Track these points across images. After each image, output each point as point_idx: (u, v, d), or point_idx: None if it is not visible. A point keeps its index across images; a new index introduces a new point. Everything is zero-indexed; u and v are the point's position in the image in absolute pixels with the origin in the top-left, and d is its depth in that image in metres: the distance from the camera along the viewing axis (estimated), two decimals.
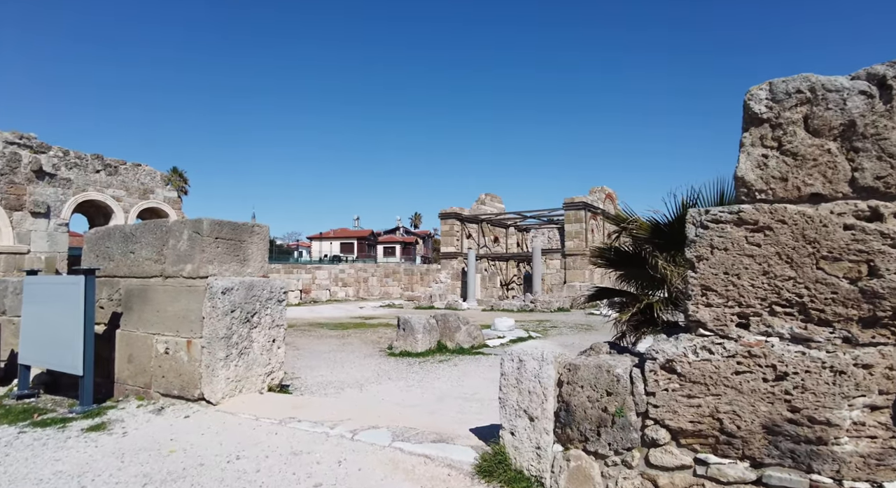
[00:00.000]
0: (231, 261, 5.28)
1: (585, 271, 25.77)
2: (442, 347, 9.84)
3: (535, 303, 22.21)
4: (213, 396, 4.77)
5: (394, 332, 13.75)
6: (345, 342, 11.94)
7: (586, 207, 26.03)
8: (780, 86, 2.56)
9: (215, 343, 4.82)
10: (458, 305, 23.86)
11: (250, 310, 5.17)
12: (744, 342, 2.61)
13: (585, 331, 14.62)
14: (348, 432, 3.95)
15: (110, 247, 5.63)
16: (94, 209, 19.09)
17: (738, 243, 2.65)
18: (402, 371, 7.90)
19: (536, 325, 15.62)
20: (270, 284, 5.43)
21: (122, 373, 5.33)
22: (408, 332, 9.65)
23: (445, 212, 28.73)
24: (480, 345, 10.20)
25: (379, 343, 11.64)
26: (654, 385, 2.83)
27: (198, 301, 4.92)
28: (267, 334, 5.35)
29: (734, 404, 2.60)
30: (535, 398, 3.26)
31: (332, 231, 65.13)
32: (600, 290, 5.91)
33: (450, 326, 10.00)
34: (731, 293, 2.66)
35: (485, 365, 8.42)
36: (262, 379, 5.24)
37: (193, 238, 5.04)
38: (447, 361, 8.75)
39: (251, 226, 5.54)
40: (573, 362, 3.23)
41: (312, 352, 10.41)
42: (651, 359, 2.87)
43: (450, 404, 5.65)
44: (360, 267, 37.57)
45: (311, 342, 12.00)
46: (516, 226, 33.62)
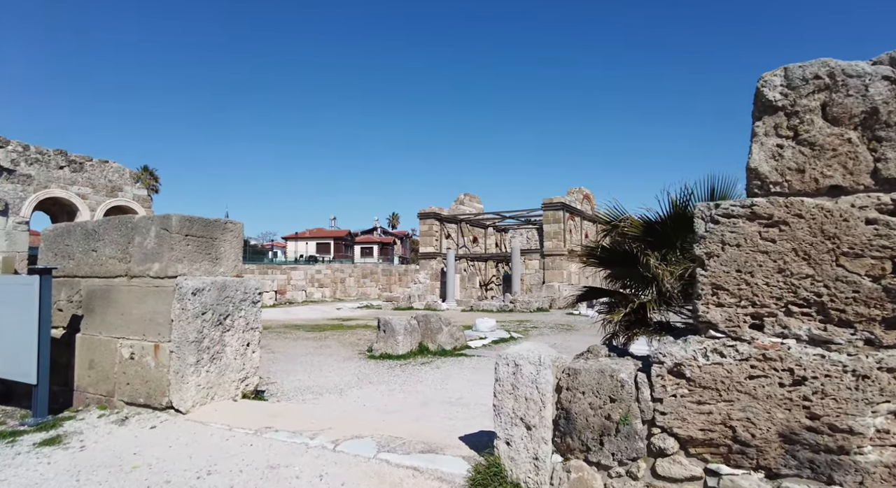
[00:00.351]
0: (202, 259, 4.95)
1: (564, 271, 25.81)
2: (423, 349, 9.60)
3: (514, 304, 22.12)
4: (182, 404, 4.45)
5: (373, 334, 13.44)
6: (322, 344, 11.59)
7: (564, 208, 26.08)
8: (797, 71, 2.41)
9: (185, 347, 4.49)
10: (437, 306, 23.63)
11: (223, 312, 4.85)
12: (758, 344, 2.45)
13: (566, 331, 14.56)
14: (329, 442, 3.69)
15: (70, 245, 5.24)
16: (58, 207, 18.27)
17: (751, 239, 2.49)
18: (383, 374, 7.63)
19: (517, 326, 15.49)
20: (245, 285, 5.12)
21: (82, 381, 4.95)
22: (388, 334, 9.38)
23: (424, 212, 28.47)
24: (463, 346, 9.99)
25: (358, 345, 11.33)
26: (662, 390, 2.66)
27: (166, 302, 4.59)
28: (241, 338, 5.03)
29: (748, 411, 2.44)
30: (533, 405, 3.06)
31: (307, 231, 64.19)
32: (589, 290, 5.76)
33: (431, 327, 9.77)
34: (743, 292, 2.50)
35: (468, 367, 8.21)
36: (235, 386, 4.92)
37: (161, 235, 4.70)
38: (429, 363, 8.52)
39: (224, 222, 5.22)
40: (573, 366, 3.03)
41: (288, 355, 10.05)
42: (658, 363, 2.69)
43: (435, 409, 5.42)
44: (337, 267, 37.02)
45: (286, 345, 11.62)
46: (495, 226, 33.56)
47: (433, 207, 28.54)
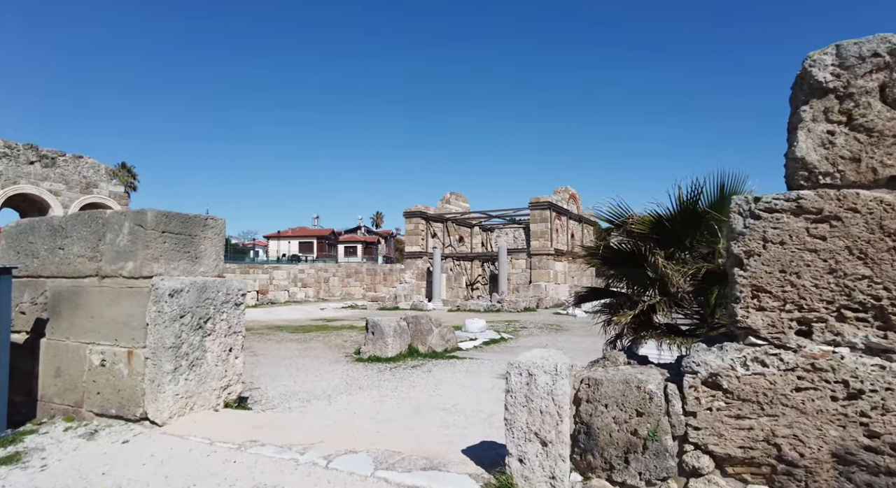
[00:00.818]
0: (181, 258, 4.58)
1: (551, 271, 25.70)
2: (413, 351, 9.29)
3: (501, 303, 21.92)
4: (158, 416, 4.08)
5: (360, 335, 13.08)
6: (307, 346, 11.21)
7: (551, 207, 25.97)
8: (851, 49, 2.16)
9: (161, 353, 4.13)
10: (423, 306, 23.31)
11: (203, 315, 4.49)
12: (806, 353, 2.20)
13: (556, 331, 14.37)
14: (321, 458, 3.37)
15: (34, 243, 4.82)
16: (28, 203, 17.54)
17: (797, 236, 2.25)
18: (372, 379, 7.31)
19: (506, 326, 15.27)
20: (227, 285, 4.77)
21: (47, 390, 4.54)
22: (377, 336, 9.05)
23: (410, 211, 28.12)
24: (454, 348, 9.71)
25: (345, 347, 10.97)
26: (695, 403, 2.40)
27: (141, 305, 4.21)
28: (223, 342, 4.68)
29: (795, 427, 2.19)
30: (549, 419, 2.78)
31: (290, 230, 63.31)
32: (591, 291, 5.52)
33: (422, 329, 9.46)
34: (788, 295, 2.25)
35: (461, 370, 7.93)
36: (217, 395, 4.57)
37: (136, 231, 4.32)
38: (420, 367, 8.22)
39: (204, 218, 4.85)
40: (594, 376, 2.76)
41: (272, 358, 9.66)
42: (690, 373, 2.44)
43: (430, 417, 5.12)
44: (321, 267, 36.46)
45: (270, 347, 11.21)
46: (481, 225, 33.35)
47: (419, 206, 28.21)
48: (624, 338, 5.29)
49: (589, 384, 2.76)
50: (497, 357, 9.21)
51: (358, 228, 71.02)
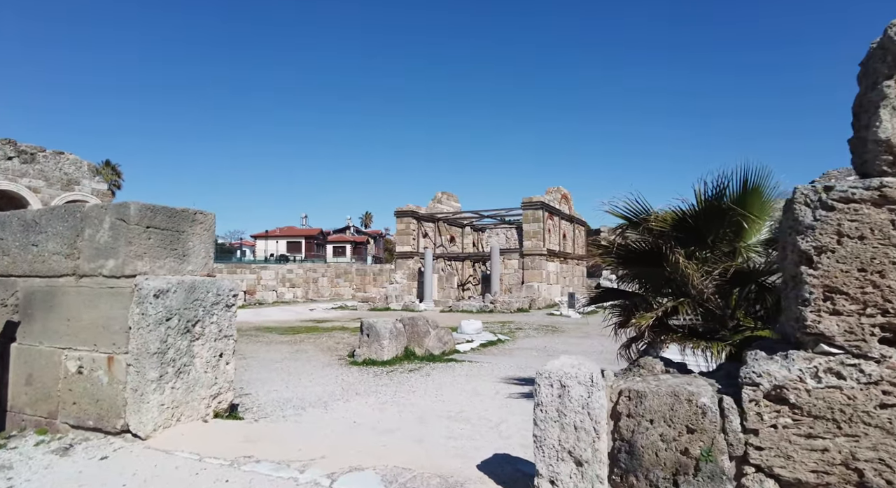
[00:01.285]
0: (167, 256, 4.22)
1: (543, 271, 25.50)
2: (410, 354, 8.96)
3: (494, 304, 21.65)
4: (141, 428, 3.72)
5: (352, 337, 12.72)
6: (298, 349, 10.83)
7: (544, 207, 25.78)
8: None
9: (145, 360, 3.76)
10: (414, 307, 22.97)
11: (191, 317, 4.13)
12: (892, 364, 1.92)
13: (552, 332, 14.13)
14: (324, 477, 3.04)
15: (4, 239, 4.42)
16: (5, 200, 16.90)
17: (880, 229, 1.97)
18: (369, 383, 6.97)
19: (501, 328, 14.99)
20: (217, 285, 4.41)
21: (17, 400, 4.15)
22: (373, 338, 8.71)
23: (401, 210, 27.76)
24: (451, 350, 9.40)
25: (337, 350, 10.61)
26: (757, 419, 2.12)
27: (123, 306, 3.85)
28: (213, 347, 4.32)
29: (881, 450, 1.91)
30: (584, 435, 2.48)
31: (278, 229, 62.54)
32: (606, 292, 5.24)
33: (418, 331, 9.14)
34: (870, 297, 1.97)
35: (461, 374, 7.62)
36: (206, 404, 4.21)
37: (117, 227, 3.95)
38: (418, 370, 7.89)
39: (193, 213, 4.49)
40: (636, 388, 2.47)
41: (262, 361, 9.27)
42: (751, 385, 2.15)
43: (435, 426, 4.81)
44: (310, 267, 35.95)
45: (259, 349, 10.81)
46: (472, 225, 33.07)
47: (410, 205, 27.86)
48: (640, 341, 5.02)
49: (630, 396, 2.47)
50: (496, 360, 8.91)
51: (347, 228, 70.40)
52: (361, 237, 67.26)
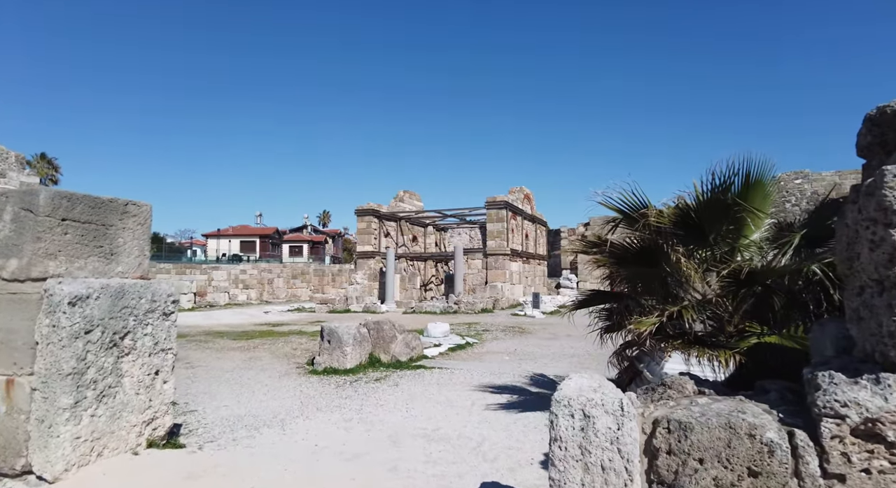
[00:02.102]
0: (89, 254, 3.50)
1: (507, 271, 25.26)
2: (375, 361, 8.35)
3: (458, 305, 21.20)
4: (48, 468, 3.01)
5: (311, 342, 11.95)
6: (252, 356, 10.02)
7: (508, 207, 25.55)
8: None
9: (56, 383, 3.05)
10: (376, 308, 22.25)
11: (119, 328, 3.43)
12: None
13: (519, 333, 13.77)
14: None
15: None
16: None
17: None
18: (332, 396, 6.33)
19: (467, 329, 14.53)
20: (153, 290, 3.71)
21: None
22: (334, 345, 8.05)
23: (362, 209, 26.94)
24: (419, 356, 8.84)
25: (295, 356, 9.86)
26: (843, 462, 1.69)
27: (27, 317, 3.12)
28: (147, 364, 3.62)
29: None
30: (614, 478, 2.00)
31: (230, 228, 60.18)
32: (595, 295, 4.81)
33: (384, 336, 8.54)
34: None
35: (431, 383, 7.08)
36: (137, 432, 3.51)
37: (22, 219, 3.22)
38: (385, 380, 7.30)
39: (123, 203, 3.78)
40: (676, 417, 2.00)
41: (212, 371, 8.45)
42: (833, 417, 1.71)
43: (410, 449, 4.25)
44: (264, 267, 34.54)
45: (209, 357, 9.93)
46: (434, 225, 32.56)
47: (371, 204, 27.08)
48: (633, 347, 4.62)
49: (669, 428, 2.00)
50: (467, 366, 8.42)
51: (304, 227, 68.53)
52: (319, 236, 65.63)
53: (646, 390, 2.55)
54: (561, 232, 43.44)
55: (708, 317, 3.82)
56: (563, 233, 43.48)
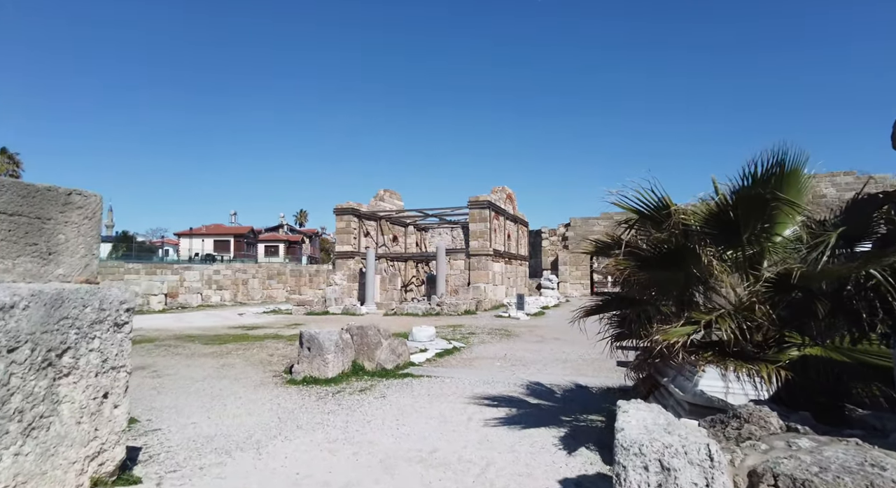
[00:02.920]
0: (20, 254, 2.88)
1: (489, 272, 24.83)
2: (359, 369, 7.78)
3: (441, 306, 20.68)
4: None
5: (288, 347, 11.28)
6: (225, 363, 9.33)
7: (491, 207, 25.12)
8: None
9: None
10: (356, 310, 21.58)
11: (56, 344, 2.82)
12: None
13: (506, 337, 13.31)
14: None
15: None
16: None
17: None
18: (313, 411, 5.75)
19: (452, 332, 14.02)
20: (101, 296, 3.10)
21: None
22: (314, 352, 7.44)
23: (342, 208, 26.19)
24: (406, 363, 8.29)
25: (271, 364, 9.21)
26: None
27: None
28: (92, 386, 3.01)
29: None
30: None
31: (204, 227, 58.54)
32: (613, 300, 4.34)
33: (368, 342, 7.97)
34: None
35: (422, 394, 6.54)
36: (78, 470, 2.90)
37: None
38: (370, 390, 6.73)
39: (65, 193, 3.16)
40: (788, 472, 1.51)
41: (180, 380, 7.76)
42: None
43: (407, 477, 3.71)
44: (239, 267, 33.46)
45: (178, 364, 9.21)
46: (415, 225, 31.98)
47: (351, 203, 26.35)
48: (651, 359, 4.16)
49: (778, 485, 1.51)
50: (458, 373, 7.90)
51: (280, 226, 67.13)
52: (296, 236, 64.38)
53: (713, 423, 2.08)
54: (542, 232, 43.28)
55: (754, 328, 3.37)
56: (545, 234, 43.33)
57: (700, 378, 3.24)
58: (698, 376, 3.29)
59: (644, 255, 3.92)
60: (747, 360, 3.30)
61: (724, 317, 3.33)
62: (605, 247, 4.57)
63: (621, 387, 6.78)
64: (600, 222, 41.38)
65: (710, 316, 3.37)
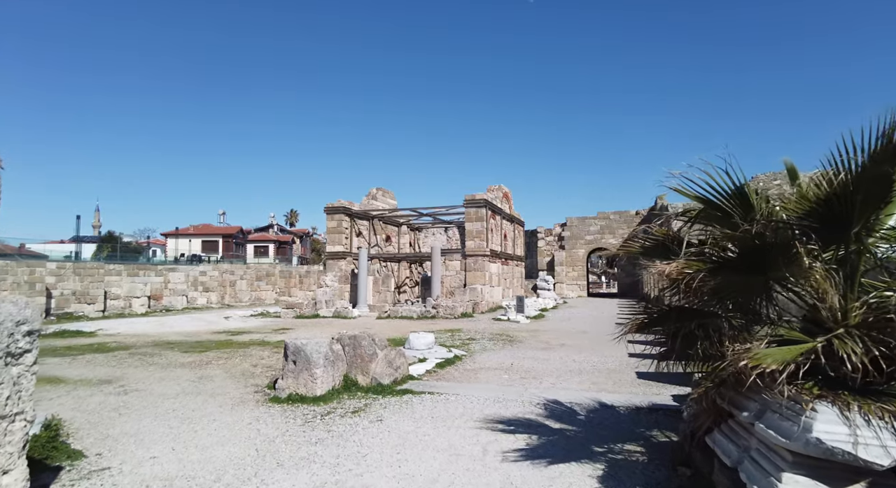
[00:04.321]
0: None
1: (486, 273, 24.00)
2: (351, 384, 6.90)
3: (436, 309, 19.80)
4: None
5: (274, 355, 10.36)
6: (203, 375, 8.41)
7: (488, 205, 24.29)
8: None
9: None
10: (348, 313, 20.65)
11: None
12: None
13: (509, 343, 12.47)
14: None
15: None
16: None
17: None
18: (298, 440, 4.87)
19: (451, 338, 13.16)
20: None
21: None
22: (301, 366, 6.56)
23: (333, 206, 25.23)
24: (404, 377, 7.41)
25: (254, 376, 8.30)
26: None
27: None
28: None
29: None
30: None
31: (192, 227, 57.22)
32: (672, 311, 3.49)
33: (362, 353, 7.08)
34: None
35: (424, 416, 5.68)
36: None
37: None
38: (365, 411, 5.86)
39: None
40: None
41: (149, 397, 6.84)
42: None
43: None
44: (226, 268, 32.35)
45: (150, 377, 8.27)
46: (409, 224, 31.08)
47: (342, 201, 25.41)
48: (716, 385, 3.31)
49: None
50: (463, 389, 7.04)
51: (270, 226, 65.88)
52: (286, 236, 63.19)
53: None
54: (538, 232, 42.52)
55: (875, 351, 2.54)
56: (540, 234, 42.57)
57: (813, 420, 2.43)
58: (808, 417, 2.47)
59: (717, 256, 3.08)
60: (879, 398, 2.47)
61: (844, 336, 2.51)
62: (655, 247, 3.73)
63: (651, 407, 5.97)
64: (597, 222, 40.72)
65: (822, 336, 2.54)
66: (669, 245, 3.56)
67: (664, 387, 7.09)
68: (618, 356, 10.21)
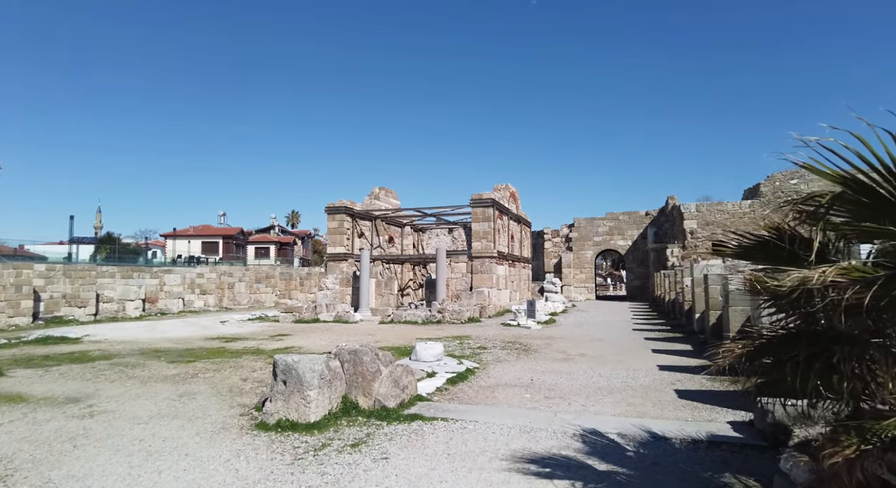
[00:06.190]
0: None
1: (493, 275, 23.01)
2: (351, 407, 5.93)
3: (442, 313, 18.82)
4: None
5: (267, 368, 9.34)
6: (185, 391, 7.45)
7: (495, 205, 23.30)
8: None
9: None
10: (349, 317, 19.68)
11: None
12: None
13: (523, 352, 11.49)
14: None
15: None
16: None
17: None
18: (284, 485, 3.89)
19: (460, 346, 12.18)
20: None
21: None
22: (292, 387, 5.60)
23: (334, 206, 24.27)
24: (413, 398, 6.43)
25: (242, 393, 7.35)
26: None
27: None
28: None
29: None
30: None
31: (191, 228, 56.34)
32: (802, 333, 2.50)
33: (363, 370, 6.11)
34: None
35: (439, 453, 4.70)
36: None
37: None
38: (367, 445, 4.89)
39: None
40: None
41: (117, 420, 5.89)
42: None
43: None
44: (225, 270, 31.42)
45: (125, 394, 7.32)
46: (412, 225, 30.11)
47: (344, 201, 24.46)
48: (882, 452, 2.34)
49: None
50: (482, 414, 6.06)
51: (271, 228, 65.02)
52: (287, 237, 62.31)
53: None
54: (544, 233, 41.47)
55: None
56: (547, 235, 41.52)
57: None
58: None
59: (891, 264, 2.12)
60: None
61: None
62: (756, 247, 2.76)
63: (711, 439, 4.98)
64: (605, 222, 39.68)
65: None
66: (782, 244, 2.58)
67: (714, 411, 6.10)
68: (647, 369, 9.22)
